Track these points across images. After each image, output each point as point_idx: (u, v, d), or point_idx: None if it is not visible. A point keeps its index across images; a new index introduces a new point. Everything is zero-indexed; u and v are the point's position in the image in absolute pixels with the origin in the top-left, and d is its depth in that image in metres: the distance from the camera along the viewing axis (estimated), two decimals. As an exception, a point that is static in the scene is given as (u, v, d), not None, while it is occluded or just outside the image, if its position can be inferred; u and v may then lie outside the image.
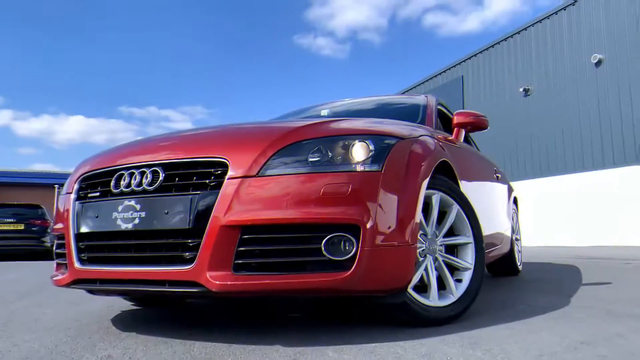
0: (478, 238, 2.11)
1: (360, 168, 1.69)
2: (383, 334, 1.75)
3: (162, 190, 1.71)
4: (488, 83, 14.84)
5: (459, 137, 2.87)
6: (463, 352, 1.49)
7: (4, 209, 10.25)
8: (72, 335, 1.88)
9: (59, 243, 2.07)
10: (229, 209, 1.59)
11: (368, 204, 1.65)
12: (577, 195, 11.60)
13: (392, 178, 1.74)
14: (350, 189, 1.64)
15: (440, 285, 1.98)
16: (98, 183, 1.91)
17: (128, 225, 1.71)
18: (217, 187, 1.64)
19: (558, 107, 12.45)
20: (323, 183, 1.63)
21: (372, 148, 1.74)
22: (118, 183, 1.81)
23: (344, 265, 1.60)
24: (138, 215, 1.70)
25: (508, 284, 3.47)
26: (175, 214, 1.64)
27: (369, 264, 1.61)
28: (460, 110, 2.92)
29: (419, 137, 2.04)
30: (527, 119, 13.33)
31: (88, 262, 1.85)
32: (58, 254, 2.10)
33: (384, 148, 1.78)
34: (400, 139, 1.88)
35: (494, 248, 3.24)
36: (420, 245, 1.93)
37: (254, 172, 1.64)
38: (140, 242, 1.72)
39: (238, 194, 1.61)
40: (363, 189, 1.66)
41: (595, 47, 11.61)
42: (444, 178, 2.08)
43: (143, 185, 1.74)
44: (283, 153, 1.69)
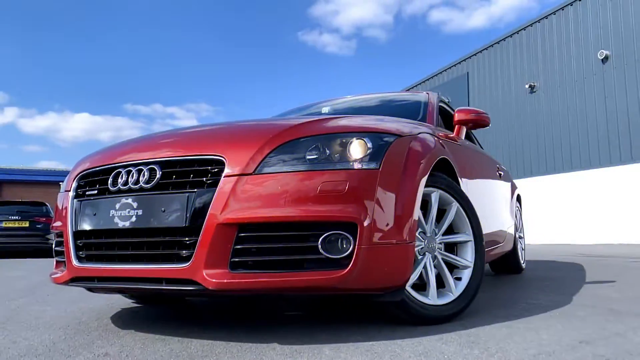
0: (478, 236, 2.09)
1: (358, 166, 1.68)
2: (381, 333, 1.74)
3: (159, 188, 1.71)
4: (493, 79, 14.74)
5: (460, 134, 2.85)
6: (461, 350, 1.48)
7: (9, 207, 10.33)
8: (70, 333, 1.89)
9: (58, 241, 2.08)
10: (226, 207, 1.59)
11: (365, 202, 1.64)
12: (583, 193, 11.52)
13: (389, 176, 1.73)
14: (348, 187, 1.63)
15: (440, 284, 1.98)
16: (96, 181, 1.91)
17: (125, 223, 1.71)
18: (213, 185, 1.63)
19: (564, 103, 12.36)
20: (320, 181, 1.62)
21: (369, 146, 1.73)
22: (115, 181, 1.81)
23: (341, 264, 1.59)
24: (135, 213, 1.70)
25: (510, 282, 3.45)
26: (172, 212, 1.64)
27: (366, 262, 1.61)
28: (461, 108, 2.90)
29: (418, 134, 2.03)
30: (532, 116, 13.24)
31: (86, 259, 1.85)
32: (57, 252, 2.11)
33: (382, 146, 1.77)
34: (399, 137, 1.87)
35: (496, 246, 3.22)
36: (419, 244, 1.92)
37: (251, 169, 1.64)
38: (138, 240, 1.72)
39: (235, 192, 1.60)
40: (360, 187, 1.65)
41: (602, 43, 11.50)
42: (443, 176, 2.07)
43: (140, 183, 1.73)
44: (280, 151, 1.69)
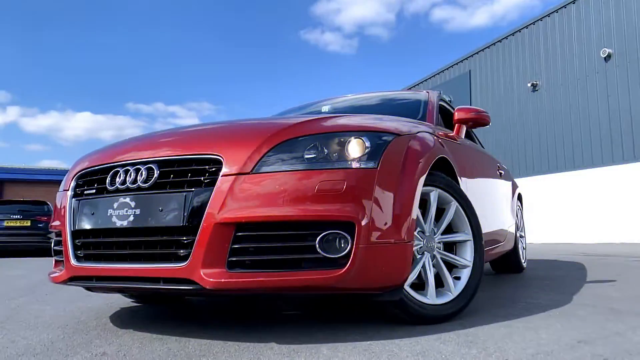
0: (477, 235, 2.08)
1: (356, 165, 1.68)
2: (379, 332, 1.74)
3: (156, 188, 1.70)
4: (495, 78, 14.70)
5: (460, 133, 2.84)
6: (458, 350, 1.48)
7: (11, 206, 10.35)
8: (69, 332, 1.89)
9: (57, 240, 2.08)
10: (223, 206, 1.59)
11: (363, 201, 1.63)
12: (585, 192, 11.48)
13: (388, 175, 1.72)
14: (346, 186, 1.62)
15: (439, 283, 1.97)
16: (94, 180, 1.91)
17: (123, 223, 1.71)
18: (211, 184, 1.63)
19: (566, 102, 12.32)
20: (318, 180, 1.61)
21: (368, 145, 1.73)
22: (113, 180, 1.81)
23: (339, 263, 1.58)
24: (133, 213, 1.70)
25: (511, 281, 3.44)
26: (170, 211, 1.64)
27: (364, 262, 1.60)
28: (461, 106, 2.89)
29: (417, 133, 2.02)
30: (534, 114, 13.20)
31: (84, 259, 1.85)
32: (56, 251, 2.11)
33: (380, 145, 1.76)
34: (397, 136, 1.86)
35: (497, 245, 3.21)
36: (418, 243, 1.92)
37: (249, 169, 1.63)
38: (136, 239, 1.71)
39: (232, 191, 1.60)
40: (358, 186, 1.64)
41: (605, 41, 11.45)
42: (442, 175, 2.06)
43: (138, 183, 1.73)
44: (278, 150, 1.68)
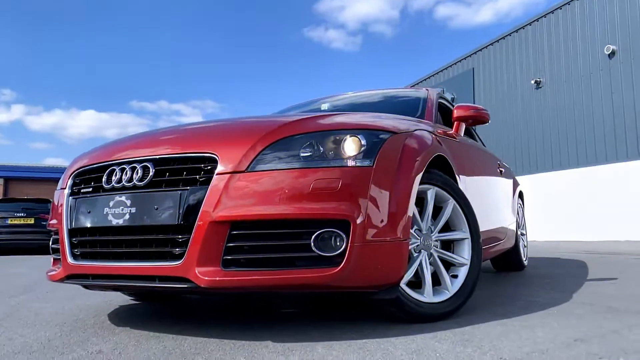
0: (474, 233, 2.08)
1: (352, 163, 1.67)
2: (375, 330, 1.73)
3: (152, 186, 1.71)
4: (499, 75, 14.64)
5: (459, 131, 2.83)
6: (453, 348, 1.47)
7: (14, 204, 10.42)
8: (66, 330, 1.90)
9: (54, 238, 2.09)
10: (218, 205, 1.59)
11: (359, 200, 1.63)
12: (589, 189, 11.43)
13: (383, 173, 1.71)
14: (341, 184, 1.62)
15: (436, 281, 1.96)
16: (91, 178, 1.92)
17: (119, 221, 1.71)
18: (206, 182, 1.63)
19: (570, 99, 12.26)
20: (313, 178, 1.61)
21: (364, 143, 1.72)
22: (110, 179, 1.81)
23: (334, 261, 1.58)
24: (129, 211, 1.70)
25: (511, 280, 3.43)
26: (165, 210, 1.64)
27: (360, 260, 1.60)
28: (460, 104, 2.88)
29: (414, 131, 2.01)
30: (538, 112, 13.15)
31: (81, 257, 1.86)
32: (54, 249, 2.12)
33: (376, 143, 1.76)
34: (394, 134, 1.85)
35: (497, 243, 3.20)
36: (415, 241, 1.91)
37: (244, 167, 1.63)
38: (131, 237, 1.72)
39: (227, 189, 1.60)
40: (354, 184, 1.64)
41: (609, 38, 11.39)
42: (439, 173, 2.05)
43: (134, 181, 1.73)
44: (273, 148, 1.68)
